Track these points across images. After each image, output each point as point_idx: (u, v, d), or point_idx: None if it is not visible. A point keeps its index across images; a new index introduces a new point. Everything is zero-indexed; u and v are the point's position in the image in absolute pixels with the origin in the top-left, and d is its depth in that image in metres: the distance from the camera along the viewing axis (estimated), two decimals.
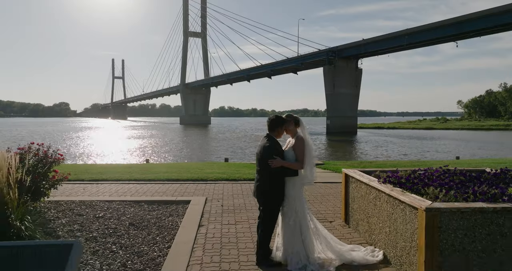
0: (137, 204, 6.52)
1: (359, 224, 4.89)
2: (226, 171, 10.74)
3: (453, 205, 3.25)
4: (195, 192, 7.71)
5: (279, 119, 4.03)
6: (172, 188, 8.09)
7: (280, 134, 4.08)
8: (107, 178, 9.15)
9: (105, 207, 6.25)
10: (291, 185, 3.95)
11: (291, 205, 3.94)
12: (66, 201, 6.50)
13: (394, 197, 3.82)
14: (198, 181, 9.02)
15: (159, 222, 5.49)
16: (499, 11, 41.95)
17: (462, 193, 3.58)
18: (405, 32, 53.47)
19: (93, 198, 6.88)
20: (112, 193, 7.56)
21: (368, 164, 13.60)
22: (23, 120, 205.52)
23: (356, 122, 67.64)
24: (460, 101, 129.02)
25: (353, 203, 5.14)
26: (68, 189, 7.84)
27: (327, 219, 5.72)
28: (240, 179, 9.24)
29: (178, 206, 6.45)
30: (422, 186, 3.86)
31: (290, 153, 3.97)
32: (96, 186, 8.38)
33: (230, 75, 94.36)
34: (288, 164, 3.88)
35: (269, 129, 4.06)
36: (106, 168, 11.12)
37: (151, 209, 6.23)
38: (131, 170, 10.44)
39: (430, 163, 13.34)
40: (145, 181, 8.91)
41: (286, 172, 3.91)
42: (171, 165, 12.52)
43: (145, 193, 7.62)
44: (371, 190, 4.47)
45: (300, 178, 3.97)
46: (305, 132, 4.04)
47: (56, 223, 5.22)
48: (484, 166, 11.94)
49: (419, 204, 3.30)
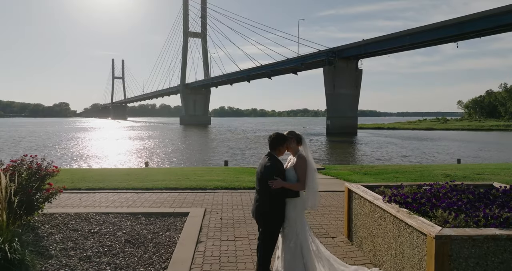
0: (134, 217, 6.35)
1: (363, 242, 4.72)
2: (225, 178, 10.57)
3: (464, 232, 3.07)
4: (193, 203, 7.54)
5: (281, 138, 3.86)
6: (171, 198, 7.92)
7: (281, 153, 3.91)
8: (104, 186, 8.98)
9: (101, 220, 6.08)
10: (292, 206, 3.77)
11: (292, 227, 3.77)
12: (61, 214, 6.33)
13: (400, 219, 3.64)
14: (197, 189, 8.85)
15: (156, 237, 5.32)
16: (501, 11, 41.78)
17: (472, 216, 3.41)
18: (406, 33, 53.29)
19: (89, 210, 6.71)
20: (108, 203, 7.39)
21: (370, 169, 13.43)
22: (23, 120, 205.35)
23: (356, 123, 67.50)
24: (460, 102, 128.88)
25: (356, 219, 4.97)
26: (64, 199, 7.67)
27: (329, 234, 5.55)
28: (240, 187, 9.07)
29: (176, 219, 6.28)
30: (430, 208, 3.69)
31: (291, 172, 3.79)
32: (92, 195, 8.21)
33: (230, 75, 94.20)
34: (289, 185, 3.71)
35: (270, 147, 3.88)
36: (103, 175, 10.94)
37: (148, 222, 6.06)
38: (129, 178, 10.27)
39: (432, 168, 13.17)
40: (143, 190, 8.74)
41: (287, 193, 3.74)
42: (170, 171, 12.34)
43: (142, 203, 7.45)
44: (376, 209, 4.29)
45: (301, 199, 3.79)
46: (308, 151, 3.87)
47: (49, 240, 5.04)
48: (487, 172, 11.79)
49: (428, 230, 3.12)
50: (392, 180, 10.60)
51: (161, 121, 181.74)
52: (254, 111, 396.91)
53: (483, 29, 45.71)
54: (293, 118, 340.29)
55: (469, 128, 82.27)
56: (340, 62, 63.92)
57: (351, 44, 62.68)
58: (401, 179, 10.62)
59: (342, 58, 63.92)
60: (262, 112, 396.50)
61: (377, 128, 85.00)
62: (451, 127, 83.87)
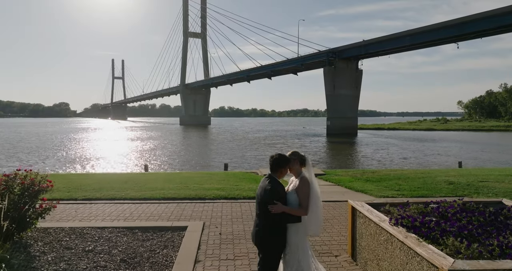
0: (130, 232, 6.15)
1: (368, 264, 4.52)
2: (225, 185, 10.38)
3: (479, 265, 2.88)
4: (192, 215, 7.35)
5: (283, 159, 3.65)
6: (169, 210, 7.73)
7: (283, 175, 3.72)
8: (101, 196, 8.79)
9: (96, 236, 5.89)
10: (294, 232, 3.58)
11: (294, 253, 3.58)
12: (56, 229, 6.14)
13: (408, 246, 3.45)
14: (195, 199, 8.66)
15: (153, 256, 5.13)
16: (503, 12, 41.59)
17: (486, 245, 3.22)
18: (406, 33, 53.11)
19: (84, 224, 6.52)
20: (105, 216, 7.20)
21: (371, 175, 13.24)
22: (22, 120, 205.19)
23: (356, 123, 67.35)
24: (461, 102, 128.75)
25: (360, 239, 4.77)
26: (60, 210, 7.48)
27: (332, 252, 5.36)
28: (240, 197, 8.88)
29: (173, 234, 6.09)
30: (440, 234, 3.49)
31: (292, 196, 3.60)
32: (89, 206, 8.02)
33: (230, 76, 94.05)
34: (290, 210, 3.51)
35: (271, 169, 3.68)
36: (101, 182, 10.75)
37: (145, 238, 5.87)
38: (127, 186, 10.08)
39: (434, 174, 12.97)
40: (141, 200, 8.55)
41: (288, 218, 3.54)
42: (169, 178, 12.15)
43: (139, 216, 7.26)
44: (382, 231, 4.10)
45: (304, 224, 3.60)
46: (312, 173, 3.67)
47: (41, 260, 4.85)
48: (491, 179, 11.59)
49: (440, 263, 2.93)
50: (395, 187, 10.42)
51: (161, 121, 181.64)
52: (254, 111, 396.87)
53: (484, 30, 45.54)
54: (293, 118, 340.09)
55: (470, 129, 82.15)
56: (340, 63, 63.75)
57: (351, 45, 62.50)
58: (403, 186, 10.44)
59: (342, 58, 63.75)
60: (262, 112, 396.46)
61: (377, 129, 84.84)
62: (452, 128, 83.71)
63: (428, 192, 9.59)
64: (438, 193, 9.41)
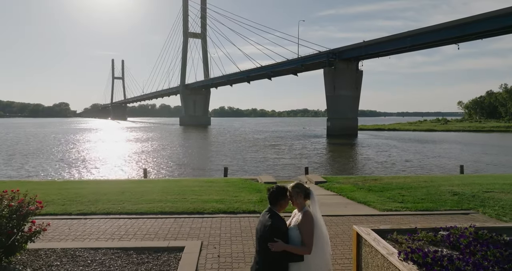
0: (125, 254, 5.89)
1: None
2: (224, 197, 10.13)
3: None
4: (189, 232, 7.09)
5: (281, 192, 3.40)
6: (166, 226, 7.47)
7: (283, 207, 3.46)
8: (96, 210, 8.52)
9: (89, 259, 5.63)
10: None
11: None
12: (47, 250, 5.88)
13: None
14: (194, 214, 8.41)
15: None
16: (505, 13, 41.29)
17: None
18: (407, 34, 52.85)
19: (77, 245, 6.25)
20: (99, 234, 6.94)
21: (373, 183, 13.01)
22: (22, 120, 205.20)
23: (356, 124, 67.15)
24: (461, 102, 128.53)
25: (367, 268, 4.52)
26: (53, 227, 7.22)
27: None
28: (239, 211, 8.62)
29: (170, 256, 5.84)
30: None
31: (294, 232, 3.34)
32: (83, 222, 7.77)
33: (230, 76, 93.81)
34: (291, 248, 3.26)
35: (270, 202, 3.43)
36: (97, 193, 10.50)
37: (140, 261, 5.61)
38: (124, 197, 9.82)
39: (437, 182, 12.71)
40: (137, 215, 8.29)
41: (290, 256, 3.29)
42: (167, 187, 11.89)
43: (135, 234, 7.00)
44: (390, 265, 3.84)
45: (307, 263, 3.34)
46: (317, 207, 3.40)
47: None
48: (496, 189, 11.32)
49: None
50: (398, 199, 10.17)
51: (161, 121, 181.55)
52: (254, 112, 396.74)
53: (486, 31, 45.26)
54: (293, 118, 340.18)
55: (470, 129, 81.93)
56: (340, 64, 63.52)
57: (351, 46, 62.25)
58: (407, 198, 10.20)
59: (343, 59, 63.51)
60: (262, 112, 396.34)
61: (377, 130, 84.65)
62: (452, 129, 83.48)
63: (433, 204, 9.33)
64: (443, 206, 9.15)
